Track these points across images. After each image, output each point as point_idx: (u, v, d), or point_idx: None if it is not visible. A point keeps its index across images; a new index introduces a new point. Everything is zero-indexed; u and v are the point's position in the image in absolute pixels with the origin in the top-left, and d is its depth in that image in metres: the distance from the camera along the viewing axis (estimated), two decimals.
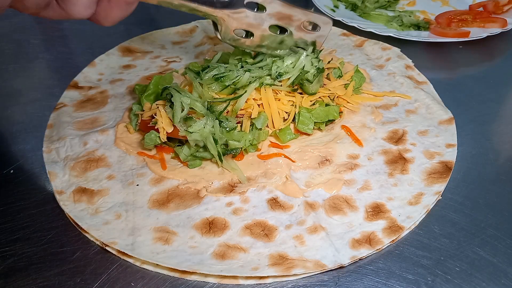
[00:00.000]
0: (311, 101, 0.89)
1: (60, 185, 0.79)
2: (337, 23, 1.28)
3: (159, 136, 0.81)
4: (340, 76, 0.97)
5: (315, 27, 0.88)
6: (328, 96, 0.91)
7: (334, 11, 1.35)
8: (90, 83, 1.07)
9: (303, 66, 0.87)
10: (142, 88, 0.94)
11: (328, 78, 0.95)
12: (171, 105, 0.80)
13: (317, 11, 1.35)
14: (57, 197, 0.77)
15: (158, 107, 0.81)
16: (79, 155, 0.85)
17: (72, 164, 0.83)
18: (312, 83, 0.87)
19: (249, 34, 0.85)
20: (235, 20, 0.80)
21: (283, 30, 0.86)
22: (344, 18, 1.27)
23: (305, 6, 1.44)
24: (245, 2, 0.78)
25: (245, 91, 0.83)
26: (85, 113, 0.97)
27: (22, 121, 0.96)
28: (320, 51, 0.94)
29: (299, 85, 0.89)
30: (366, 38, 1.20)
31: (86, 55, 1.16)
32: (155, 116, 0.81)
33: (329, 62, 0.97)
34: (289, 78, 0.87)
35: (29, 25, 1.35)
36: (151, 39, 1.24)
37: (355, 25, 1.24)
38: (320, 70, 0.88)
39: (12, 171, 0.84)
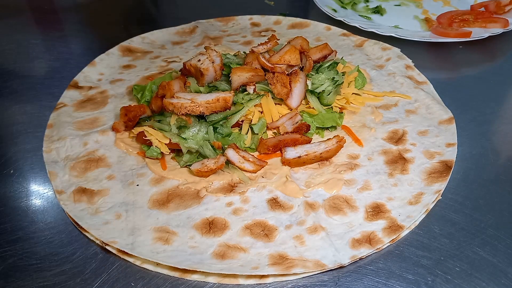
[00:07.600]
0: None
1: (60, 185, 0.79)
2: (338, 23, 1.28)
3: (161, 152, 0.81)
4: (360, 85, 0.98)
5: None
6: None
7: (335, 11, 1.35)
8: (90, 83, 1.07)
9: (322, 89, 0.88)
10: (140, 89, 0.94)
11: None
12: (160, 120, 0.81)
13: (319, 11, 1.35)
14: (57, 197, 0.77)
15: (145, 130, 0.82)
16: (79, 155, 0.85)
17: (72, 164, 0.83)
18: (328, 95, 0.88)
19: None
20: None
21: None
22: (345, 18, 1.27)
23: (306, 6, 1.45)
24: None
25: (242, 107, 0.84)
26: (85, 113, 0.97)
27: (22, 121, 0.96)
28: (337, 63, 0.93)
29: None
30: (366, 38, 1.20)
31: (86, 55, 1.16)
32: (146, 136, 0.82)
33: (343, 74, 0.94)
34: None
35: (29, 25, 1.35)
36: (151, 39, 1.24)
37: (357, 25, 1.24)
38: (338, 83, 0.88)
39: (12, 171, 0.84)
